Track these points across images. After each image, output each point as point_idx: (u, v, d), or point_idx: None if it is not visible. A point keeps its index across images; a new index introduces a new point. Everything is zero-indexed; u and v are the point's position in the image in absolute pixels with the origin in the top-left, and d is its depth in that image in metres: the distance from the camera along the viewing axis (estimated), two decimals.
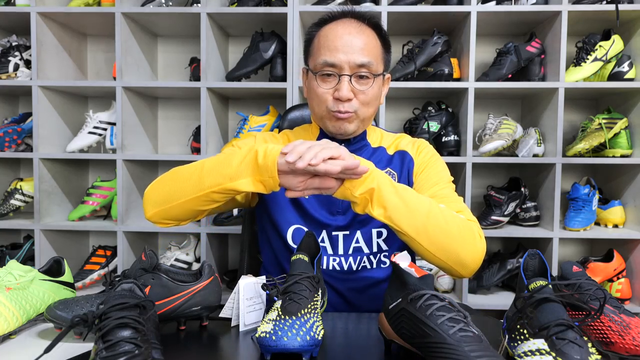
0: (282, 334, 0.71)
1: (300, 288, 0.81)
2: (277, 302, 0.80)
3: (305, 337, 0.71)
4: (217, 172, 0.94)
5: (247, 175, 0.91)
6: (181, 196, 0.98)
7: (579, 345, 0.66)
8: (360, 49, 1.06)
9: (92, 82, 2.00)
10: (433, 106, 2.04)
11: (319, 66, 1.08)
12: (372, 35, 1.10)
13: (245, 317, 0.88)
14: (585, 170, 2.22)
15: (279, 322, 0.74)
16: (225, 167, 0.93)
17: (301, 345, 0.70)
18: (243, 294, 0.89)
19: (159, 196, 1.02)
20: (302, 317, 0.75)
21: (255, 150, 0.91)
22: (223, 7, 1.99)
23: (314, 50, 1.12)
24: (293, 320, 0.74)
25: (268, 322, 0.75)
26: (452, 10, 1.89)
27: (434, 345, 0.66)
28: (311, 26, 1.15)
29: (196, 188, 0.96)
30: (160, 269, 0.89)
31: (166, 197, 1.00)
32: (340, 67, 1.06)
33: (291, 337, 0.70)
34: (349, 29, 1.08)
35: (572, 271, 0.83)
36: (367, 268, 1.13)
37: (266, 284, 0.85)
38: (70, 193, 2.19)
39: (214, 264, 2.07)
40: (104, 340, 0.65)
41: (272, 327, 0.73)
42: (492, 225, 1.95)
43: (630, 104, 1.99)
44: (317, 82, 1.09)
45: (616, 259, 1.96)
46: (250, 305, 0.90)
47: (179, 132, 2.31)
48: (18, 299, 0.89)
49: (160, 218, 1.03)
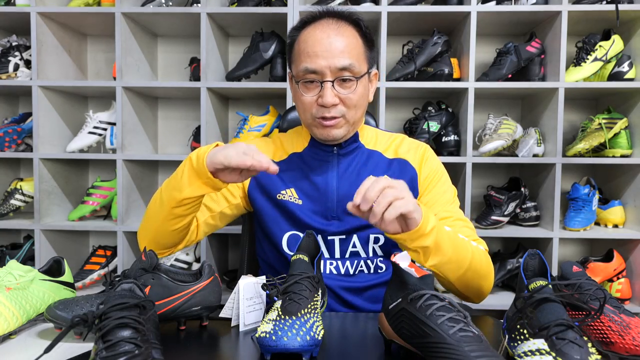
0: (282, 334, 0.71)
1: (300, 288, 0.81)
2: (277, 302, 0.80)
3: (305, 337, 0.71)
4: (170, 188, 1.00)
5: (191, 183, 0.96)
6: (155, 222, 1.05)
7: (579, 345, 0.66)
8: (341, 51, 1.02)
9: (92, 82, 2.00)
10: (433, 106, 2.04)
11: (300, 74, 1.05)
12: (352, 34, 1.06)
13: (245, 317, 0.88)
14: (585, 170, 2.22)
15: (279, 322, 0.74)
16: (174, 181, 0.99)
17: (301, 345, 0.70)
18: (243, 294, 0.89)
19: (144, 230, 1.09)
20: (302, 317, 0.75)
21: (189, 157, 0.96)
22: (223, 7, 1.99)
23: (295, 56, 1.09)
24: (293, 320, 0.74)
25: (268, 322, 0.75)
26: (452, 10, 1.89)
27: (434, 345, 0.66)
28: (291, 30, 1.12)
29: (161, 209, 1.02)
30: (160, 269, 0.89)
31: (148, 229, 1.07)
32: (322, 73, 1.03)
33: (291, 337, 0.70)
34: (327, 32, 1.04)
35: (572, 271, 0.83)
36: (364, 272, 1.11)
37: (266, 283, 0.85)
38: (70, 193, 2.19)
39: (214, 264, 2.07)
40: (104, 340, 0.65)
41: (272, 327, 0.73)
42: (492, 225, 1.95)
43: (630, 104, 1.99)
44: (300, 90, 1.07)
45: (616, 259, 1.96)
46: (250, 305, 0.90)
47: (179, 132, 2.31)
48: (18, 299, 0.89)
49: (157, 249, 1.08)
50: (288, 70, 1.16)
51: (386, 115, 2.19)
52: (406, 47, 2.02)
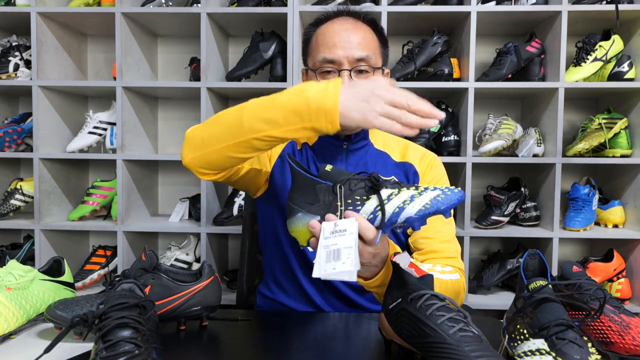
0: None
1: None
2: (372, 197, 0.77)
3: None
4: (260, 117, 0.86)
5: (295, 123, 0.82)
6: (221, 140, 0.91)
7: (579, 345, 0.66)
8: (358, 43, 1.07)
9: (92, 82, 2.00)
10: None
11: (318, 64, 1.09)
12: (369, 31, 1.11)
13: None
14: (585, 170, 2.22)
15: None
16: (270, 111, 0.85)
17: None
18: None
19: (198, 139, 0.95)
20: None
21: (305, 96, 0.81)
22: (223, 7, 1.99)
23: (312, 49, 1.12)
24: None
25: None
26: (452, 10, 1.89)
27: (434, 345, 0.66)
28: (308, 26, 1.16)
29: (238, 132, 0.88)
30: (160, 269, 0.89)
31: (205, 141, 0.93)
32: (340, 63, 1.07)
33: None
34: (345, 26, 1.09)
35: (572, 271, 0.83)
36: None
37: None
38: (70, 193, 2.19)
39: (214, 264, 2.07)
40: (104, 340, 0.65)
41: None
42: (492, 225, 1.95)
43: (630, 104, 1.99)
44: (318, 79, 1.09)
45: (616, 259, 1.96)
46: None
47: (179, 132, 2.31)
48: (18, 299, 0.89)
49: (197, 165, 0.96)
50: (302, 67, 1.19)
51: None
52: (406, 47, 2.02)
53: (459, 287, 1.04)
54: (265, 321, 0.99)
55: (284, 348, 0.83)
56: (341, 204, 0.77)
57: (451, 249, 1.10)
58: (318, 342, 0.87)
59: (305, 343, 0.87)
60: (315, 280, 1.10)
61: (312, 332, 0.93)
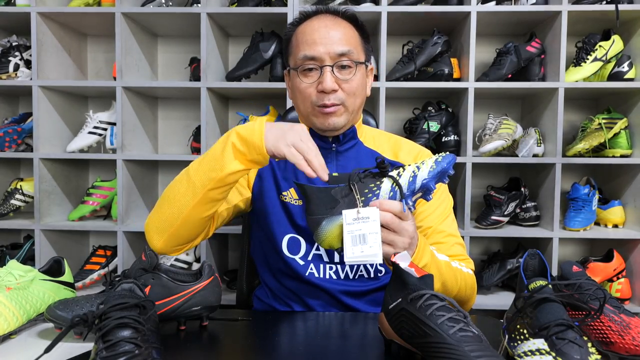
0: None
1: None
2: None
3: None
4: (205, 170, 0.94)
5: (237, 157, 0.92)
6: (181, 210, 0.96)
7: (579, 345, 0.66)
8: (339, 39, 1.05)
9: (92, 82, 2.00)
10: (433, 106, 2.04)
11: (299, 61, 1.07)
12: (349, 27, 1.10)
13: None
14: (585, 170, 2.22)
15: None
16: (209, 162, 0.94)
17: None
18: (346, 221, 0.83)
19: (160, 222, 0.99)
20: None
21: (232, 134, 0.92)
22: (223, 7, 1.99)
23: (293, 48, 1.11)
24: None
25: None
26: (452, 10, 1.89)
27: (434, 345, 0.66)
28: (288, 27, 1.15)
29: (192, 196, 0.95)
30: (160, 269, 0.89)
31: (167, 220, 0.98)
32: (321, 59, 1.05)
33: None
34: (325, 22, 1.08)
35: (572, 271, 0.83)
36: (364, 277, 1.11)
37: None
38: (70, 193, 2.19)
39: (214, 264, 2.07)
40: (104, 340, 0.65)
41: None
42: (492, 225, 1.95)
43: (630, 104, 1.99)
44: (300, 78, 1.07)
45: (616, 259, 1.96)
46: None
47: (179, 132, 2.31)
48: (18, 299, 0.89)
49: (171, 246, 1.01)
50: (285, 68, 1.16)
51: (386, 115, 2.19)
52: (406, 47, 2.02)
53: (474, 282, 1.06)
54: (266, 321, 0.99)
55: (284, 348, 0.83)
56: (360, 196, 0.84)
57: (463, 252, 1.10)
58: (318, 342, 0.87)
59: (305, 343, 0.87)
60: (304, 290, 1.10)
61: (312, 332, 0.93)
